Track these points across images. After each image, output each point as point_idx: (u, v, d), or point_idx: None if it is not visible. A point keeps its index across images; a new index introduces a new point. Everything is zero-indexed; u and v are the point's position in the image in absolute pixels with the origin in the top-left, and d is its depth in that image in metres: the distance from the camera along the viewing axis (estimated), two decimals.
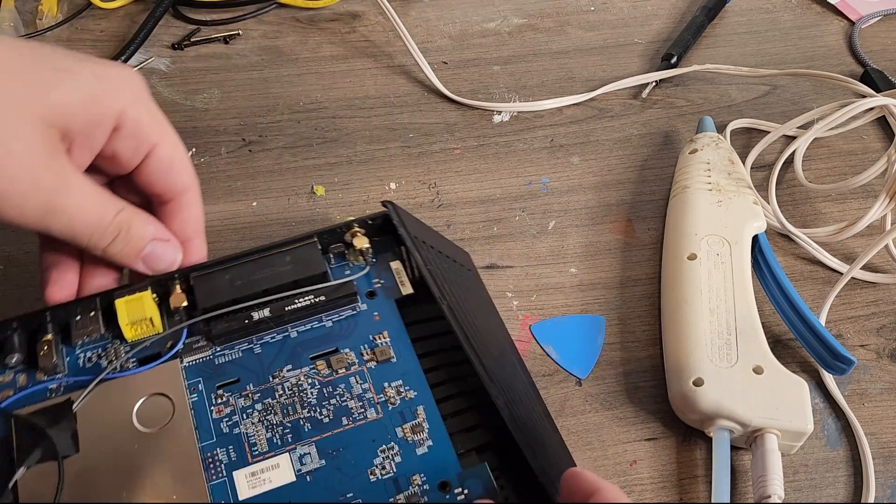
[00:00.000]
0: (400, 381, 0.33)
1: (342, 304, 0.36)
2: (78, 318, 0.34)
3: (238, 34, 0.58)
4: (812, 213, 0.48)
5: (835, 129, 0.51)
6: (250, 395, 0.32)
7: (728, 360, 0.37)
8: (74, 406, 0.31)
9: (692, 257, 0.41)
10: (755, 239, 0.43)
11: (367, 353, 0.34)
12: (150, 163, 0.34)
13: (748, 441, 0.36)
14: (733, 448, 0.37)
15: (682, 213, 0.44)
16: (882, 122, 0.53)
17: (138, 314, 0.33)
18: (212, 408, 0.32)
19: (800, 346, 0.41)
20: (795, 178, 0.49)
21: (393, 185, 0.49)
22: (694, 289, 0.40)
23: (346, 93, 0.55)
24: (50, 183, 0.30)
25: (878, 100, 0.47)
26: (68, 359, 0.33)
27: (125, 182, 0.35)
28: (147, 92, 0.33)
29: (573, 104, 0.54)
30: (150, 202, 0.36)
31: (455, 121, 0.53)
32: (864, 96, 0.50)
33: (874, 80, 0.54)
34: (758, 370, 0.37)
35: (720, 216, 0.43)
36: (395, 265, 0.37)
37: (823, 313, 0.43)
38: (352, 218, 0.38)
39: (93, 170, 0.34)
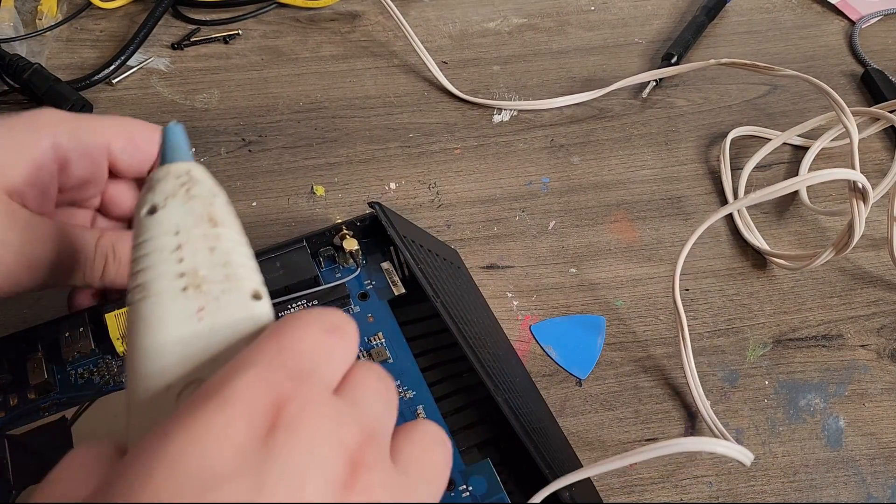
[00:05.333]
0: (398, 382, 0.33)
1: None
2: (67, 334, 0.33)
3: (238, 34, 0.58)
4: (817, 230, 0.48)
5: (838, 140, 0.51)
6: None
7: None
8: (70, 424, 0.31)
9: None
10: None
11: (364, 356, 0.34)
12: (117, 159, 0.32)
13: None
14: None
15: (141, 342, 0.21)
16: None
17: None
18: None
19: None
20: (797, 197, 0.48)
21: (393, 185, 0.49)
22: None
23: (346, 93, 0.55)
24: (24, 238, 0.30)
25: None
26: (59, 376, 0.33)
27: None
28: (66, 113, 0.31)
29: (573, 104, 0.54)
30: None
31: (455, 121, 0.53)
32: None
33: (875, 79, 0.54)
34: None
35: (202, 345, 0.22)
36: (386, 266, 0.37)
37: None
38: (339, 220, 0.38)
39: (71, 205, 0.34)
